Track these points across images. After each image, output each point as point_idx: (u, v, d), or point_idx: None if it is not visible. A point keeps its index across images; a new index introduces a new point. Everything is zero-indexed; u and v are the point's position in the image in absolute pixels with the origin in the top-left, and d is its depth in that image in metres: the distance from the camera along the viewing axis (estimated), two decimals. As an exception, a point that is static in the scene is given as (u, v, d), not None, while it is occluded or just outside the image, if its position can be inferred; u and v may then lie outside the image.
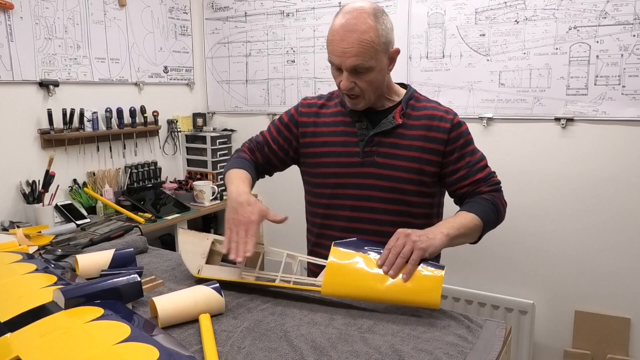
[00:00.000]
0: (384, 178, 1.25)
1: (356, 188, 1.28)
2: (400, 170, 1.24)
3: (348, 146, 1.28)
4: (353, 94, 1.21)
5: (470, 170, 1.26)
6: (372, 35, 1.12)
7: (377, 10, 1.16)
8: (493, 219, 1.23)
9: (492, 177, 1.28)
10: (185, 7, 2.84)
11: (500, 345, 0.92)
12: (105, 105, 2.41)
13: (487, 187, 1.26)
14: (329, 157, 1.31)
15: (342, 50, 1.14)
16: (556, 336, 2.16)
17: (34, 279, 1.09)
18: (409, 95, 1.29)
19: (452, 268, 2.33)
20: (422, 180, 1.26)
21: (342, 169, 1.29)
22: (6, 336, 0.83)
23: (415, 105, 1.28)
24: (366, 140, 1.26)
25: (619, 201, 1.97)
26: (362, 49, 1.12)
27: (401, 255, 1.03)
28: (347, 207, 1.29)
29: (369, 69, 1.16)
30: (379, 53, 1.15)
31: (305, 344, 0.92)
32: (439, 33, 2.22)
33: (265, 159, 1.41)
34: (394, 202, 1.26)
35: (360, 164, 1.27)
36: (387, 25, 1.17)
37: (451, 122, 1.25)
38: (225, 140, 2.89)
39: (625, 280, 1.99)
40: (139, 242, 1.50)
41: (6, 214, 2.06)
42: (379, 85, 1.22)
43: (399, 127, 1.25)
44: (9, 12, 2.01)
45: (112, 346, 0.79)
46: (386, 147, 1.25)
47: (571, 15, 1.95)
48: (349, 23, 1.13)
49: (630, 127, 1.92)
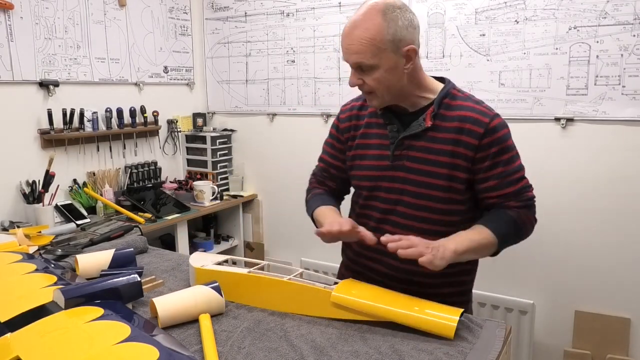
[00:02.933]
0: (413, 183, 1.19)
1: (386, 191, 1.23)
2: (430, 176, 1.17)
3: (380, 149, 1.23)
4: (364, 90, 1.18)
5: (502, 181, 1.17)
6: (375, 32, 1.08)
7: (389, 7, 1.10)
8: (512, 236, 1.18)
9: (525, 191, 1.18)
10: (185, 7, 2.84)
11: (500, 345, 0.92)
12: (105, 105, 2.41)
13: (516, 202, 1.17)
14: (363, 160, 1.27)
15: (346, 47, 1.13)
16: (556, 336, 2.16)
17: (34, 279, 1.09)
18: (444, 93, 1.20)
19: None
20: (453, 187, 1.17)
21: (374, 172, 1.24)
22: (6, 336, 0.83)
23: (450, 104, 1.18)
24: (396, 143, 1.20)
25: (619, 201, 1.97)
26: (362, 47, 1.09)
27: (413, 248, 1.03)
28: (379, 209, 1.25)
29: (372, 67, 1.11)
30: (383, 51, 1.09)
31: (305, 344, 0.92)
32: (439, 33, 2.22)
33: (337, 181, 1.38)
34: (423, 208, 1.19)
35: (391, 167, 1.21)
36: (398, 22, 1.09)
37: (486, 127, 1.14)
38: (225, 140, 2.89)
39: (625, 280, 1.99)
40: (139, 242, 1.50)
41: (6, 214, 2.06)
42: (391, 84, 1.14)
43: (430, 129, 1.17)
44: (9, 12, 2.01)
45: (112, 346, 0.79)
46: (416, 150, 1.18)
47: (571, 15, 1.95)
48: (356, 19, 1.11)
49: (630, 127, 1.92)
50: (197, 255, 1.26)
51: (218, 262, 1.19)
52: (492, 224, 1.15)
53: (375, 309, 0.99)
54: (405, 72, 1.14)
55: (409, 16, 1.12)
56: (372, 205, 1.26)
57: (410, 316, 0.96)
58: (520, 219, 1.17)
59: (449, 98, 1.20)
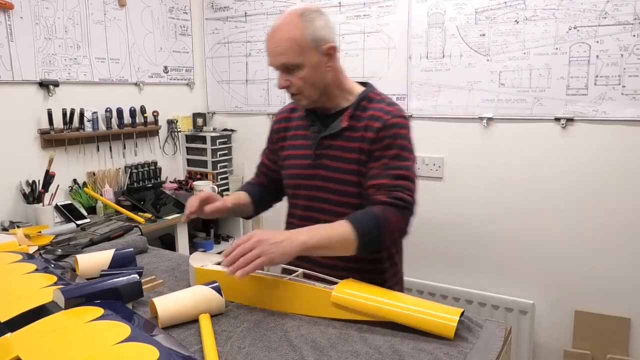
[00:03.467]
0: (332, 180, 1.26)
1: (308, 189, 1.31)
2: (344, 173, 1.25)
3: (304, 149, 1.32)
4: (292, 92, 1.25)
5: (381, 172, 1.18)
6: (296, 33, 1.17)
7: (307, 10, 1.20)
8: (373, 233, 1.12)
9: (399, 190, 1.15)
10: (185, 7, 2.84)
11: (500, 345, 0.92)
12: (105, 105, 2.41)
13: (385, 197, 1.14)
14: (290, 160, 1.36)
15: (271, 50, 1.21)
16: (556, 336, 2.16)
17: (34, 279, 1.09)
18: (363, 95, 1.27)
19: (452, 268, 2.35)
20: (362, 183, 1.23)
21: (297, 171, 1.33)
22: (6, 336, 0.83)
23: (366, 106, 1.26)
24: (317, 143, 1.29)
25: (619, 201, 1.97)
26: (286, 47, 1.17)
27: (244, 257, 1.01)
28: (301, 207, 1.33)
29: (297, 66, 1.19)
30: (306, 50, 1.17)
31: (305, 344, 0.92)
32: (439, 33, 2.22)
33: (267, 179, 1.48)
34: (340, 204, 1.25)
35: (312, 166, 1.29)
36: (315, 23, 1.18)
37: (384, 122, 1.20)
38: (225, 140, 2.89)
39: (625, 280, 1.99)
40: (139, 242, 1.50)
41: (6, 214, 2.06)
42: (316, 82, 1.22)
43: (347, 129, 1.25)
44: (9, 12, 2.01)
45: (112, 346, 0.79)
46: (334, 149, 1.26)
47: (571, 15, 1.95)
48: (277, 24, 1.20)
49: (630, 127, 1.92)
50: (197, 255, 1.26)
51: (218, 262, 1.19)
52: (354, 219, 1.12)
53: (375, 309, 0.99)
54: (328, 70, 1.23)
55: (325, 18, 1.22)
56: (296, 204, 1.34)
57: (410, 316, 0.96)
58: (383, 216, 1.12)
59: (366, 101, 1.27)
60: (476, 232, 2.27)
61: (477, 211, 2.25)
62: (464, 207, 2.28)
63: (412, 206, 1.17)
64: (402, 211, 1.15)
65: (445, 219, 2.33)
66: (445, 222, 2.33)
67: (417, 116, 2.33)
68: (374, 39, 2.39)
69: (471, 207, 2.26)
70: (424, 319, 0.95)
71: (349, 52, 2.46)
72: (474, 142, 2.22)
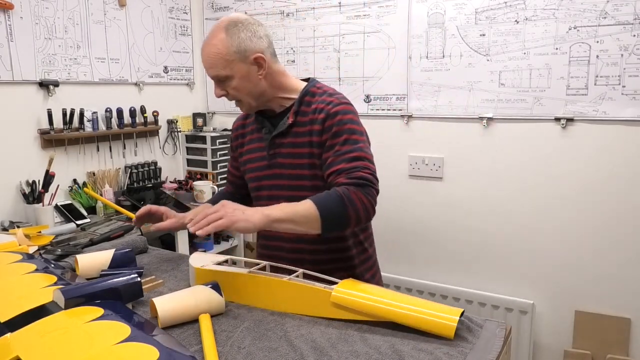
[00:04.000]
0: (287, 177, 1.30)
1: (267, 189, 1.34)
2: (297, 168, 1.28)
3: (260, 151, 1.36)
4: (230, 99, 1.30)
5: (336, 159, 1.21)
6: (220, 47, 1.22)
7: (231, 23, 1.23)
8: (337, 211, 1.12)
9: (357, 170, 1.17)
10: (185, 7, 2.84)
11: (500, 345, 0.92)
12: (105, 105, 2.41)
13: (345, 179, 1.16)
14: (249, 164, 1.40)
15: (203, 64, 1.27)
16: (556, 336, 2.16)
17: (34, 279, 1.09)
18: (305, 91, 1.31)
19: (452, 268, 2.35)
20: (317, 175, 1.26)
21: (256, 173, 1.37)
22: (6, 336, 0.83)
23: (310, 101, 1.29)
24: (269, 143, 1.33)
25: (619, 201, 1.97)
26: (214, 61, 1.23)
27: (206, 218, 1.04)
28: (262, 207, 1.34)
29: (228, 77, 1.24)
30: (232, 62, 1.22)
31: (305, 344, 0.92)
32: (439, 33, 2.22)
33: (233, 185, 1.54)
34: (296, 199, 1.24)
35: (268, 166, 1.34)
36: (240, 34, 1.22)
37: (327, 112, 1.24)
38: (225, 140, 2.89)
39: (625, 280, 1.99)
40: (139, 242, 1.50)
41: (6, 214, 2.06)
42: (250, 90, 1.26)
43: (294, 126, 1.29)
44: (9, 12, 2.01)
45: (112, 346, 0.79)
46: (285, 147, 1.30)
47: (571, 15, 1.95)
48: (206, 39, 1.26)
49: (630, 127, 1.92)
50: (197, 255, 1.26)
51: (218, 262, 1.19)
52: (317, 198, 1.13)
53: (375, 309, 0.99)
54: (260, 77, 1.26)
55: (252, 28, 1.25)
56: (260, 205, 1.34)
57: (410, 316, 0.96)
58: (346, 195, 1.13)
59: (309, 96, 1.31)
60: (476, 232, 2.27)
61: (477, 211, 2.25)
62: (464, 207, 2.28)
63: (373, 183, 1.18)
64: (364, 189, 1.15)
65: (445, 219, 2.33)
66: (445, 222, 2.33)
67: (417, 116, 2.33)
68: (374, 39, 2.39)
69: (471, 207, 2.27)
70: (424, 319, 0.95)
71: (349, 52, 2.46)
72: (474, 142, 2.22)
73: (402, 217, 2.43)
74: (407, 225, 2.43)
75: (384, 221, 2.35)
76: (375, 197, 1.18)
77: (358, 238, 1.37)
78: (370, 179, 1.17)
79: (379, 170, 1.25)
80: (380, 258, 1.50)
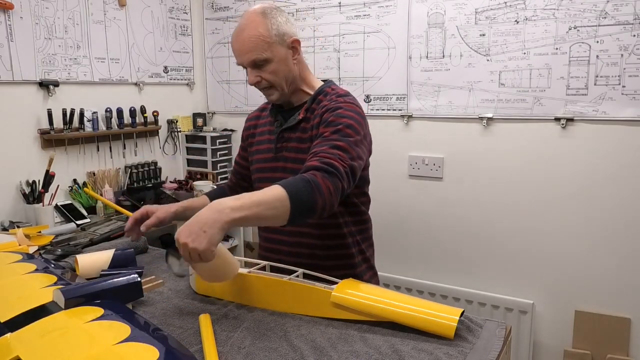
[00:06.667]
0: (290, 171, 1.30)
1: (270, 182, 1.25)
2: (301, 163, 1.20)
3: (269, 143, 1.39)
4: (263, 87, 1.31)
5: (320, 142, 1.18)
6: (261, 30, 1.23)
7: (266, 8, 1.26)
8: (304, 195, 1.04)
9: (331, 157, 1.12)
10: (185, 7, 2.84)
11: (500, 345, 0.92)
12: (105, 105, 2.41)
13: (316, 162, 1.11)
14: (256, 155, 1.43)
15: (238, 49, 1.27)
16: (556, 336, 2.16)
17: (34, 279, 1.09)
18: (319, 90, 1.34)
19: (452, 268, 2.35)
20: None
21: (262, 165, 1.40)
22: (6, 336, 0.83)
23: (321, 100, 1.32)
24: (277, 136, 1.35)
25: (619, 201, 1.97)
26: (253, 44, 1.24)
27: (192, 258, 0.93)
28: None
29: (267, 61, 1.25)
30: (272, 44, 1.24)
31: (305, 344, 0.92)
32: (439, 33, 2.22)
33: (238, 177, 1.55)
34: None
35: (274, 159, 1.36)
36: (278, 19, 1.26)
37: (326, 107, 1.27)
38: (225, 140, 2.89)
39: (625, 280, 1.99)
40: (139, 242, 1.50)
41: (6, 214, 2.06)
42: (286, 74, 1.29)
43: (303, 121, 1.31)
44: (9, 12, 2.01)
45: (112, 346, 0.79)
46: (292, 141, 1.33)
47: (571, 15, 1.95)
48: (241, 24, 1.27)
49: (630, 127, 1.92)
50: None
51: None
52: (285, 181, 1.07)
53: (375, 309, 0.99)
54: (294, 62, 1.30)
55: (285, 14, 1.30)
56: None
57: (410, 316, 0.96)
58: (313, 180, 1.06)
59: (322, 95, 1.33)
60: (476, 232, 2.27)
61: (477, 211, 2.25)
62: (464, 207, 2.28)
63: (341, 175, 1.10)
64: (330, 176, 1.09)
65: (445, 219, 2.33)
66: (445, 222, 2.33)
67: (417, 116, 2.33)
68: (374, 39, 2.39)
69: (471, 207, 2.26)
70: (424, 319, 0.95)
71: (349, 52, 2.46)
72: (474, 142, 2.22)
73: (402, 217, 2.43)
74: (407, 225, 2.43)
75: (384, 221, 2.35)
76: (339, 191, 1.11)
77: (355, 238, 1.38)
78: (340, 170, 1.10)
79: (379, 170, 1.25)
80: (381, 258, 1.50)
